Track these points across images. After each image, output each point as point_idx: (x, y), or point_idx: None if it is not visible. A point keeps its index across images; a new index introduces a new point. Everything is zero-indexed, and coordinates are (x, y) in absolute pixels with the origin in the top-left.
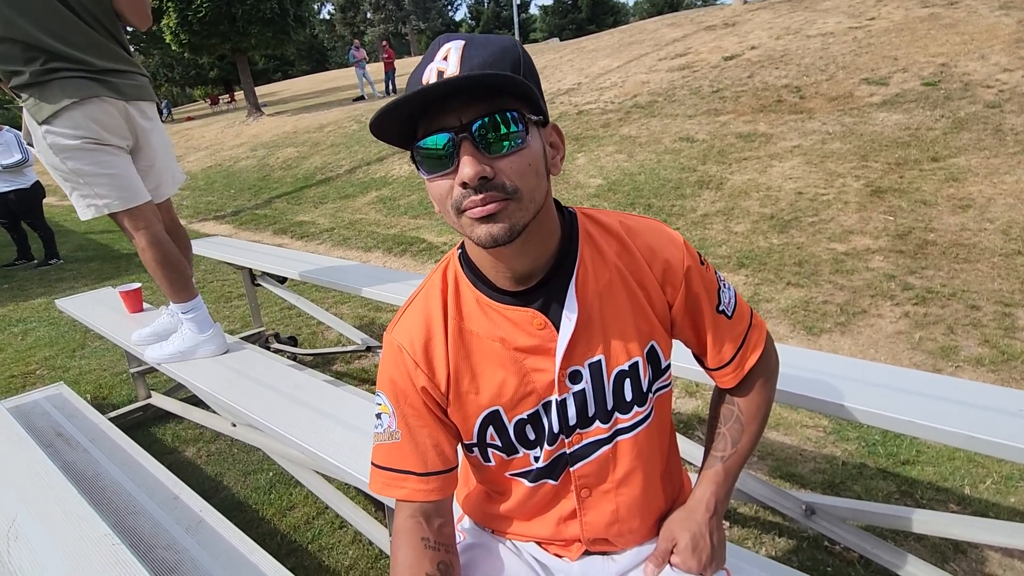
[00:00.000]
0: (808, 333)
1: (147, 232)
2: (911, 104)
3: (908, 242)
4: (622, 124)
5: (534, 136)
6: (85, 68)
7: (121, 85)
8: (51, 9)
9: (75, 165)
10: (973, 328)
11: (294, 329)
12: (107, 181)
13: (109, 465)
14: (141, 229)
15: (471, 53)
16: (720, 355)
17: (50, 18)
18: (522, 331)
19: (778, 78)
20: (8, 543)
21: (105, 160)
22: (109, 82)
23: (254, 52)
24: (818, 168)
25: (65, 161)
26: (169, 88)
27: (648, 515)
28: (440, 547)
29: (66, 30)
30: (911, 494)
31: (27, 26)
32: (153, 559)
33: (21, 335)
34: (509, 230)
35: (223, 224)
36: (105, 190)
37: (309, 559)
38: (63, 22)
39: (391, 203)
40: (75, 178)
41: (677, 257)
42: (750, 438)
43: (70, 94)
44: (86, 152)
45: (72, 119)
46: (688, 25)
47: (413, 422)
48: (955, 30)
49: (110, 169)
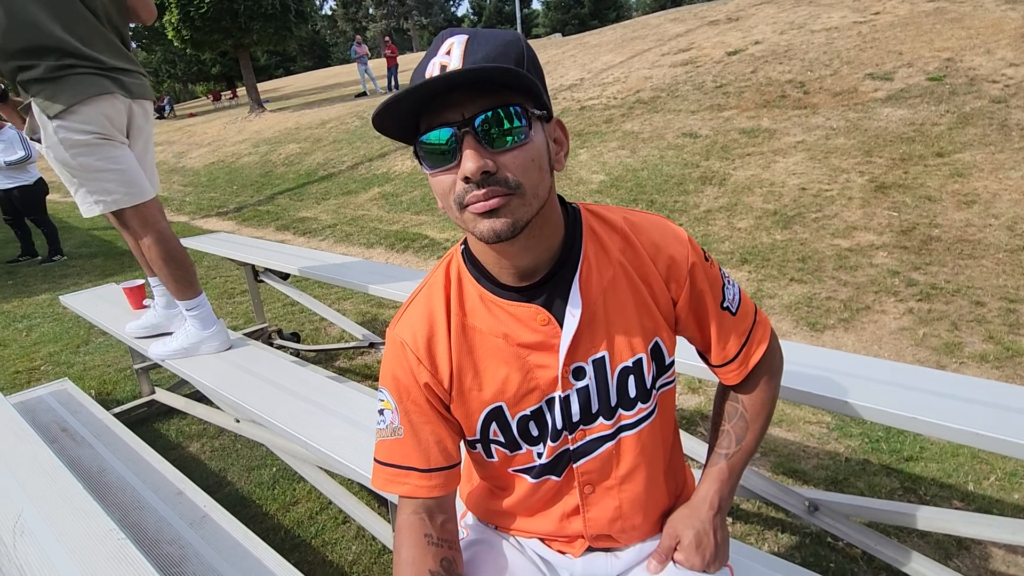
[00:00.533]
0: (811, 329)
1: (154, 229)
2: (916, 99)
3: (912, 238)
4: (625, 120)
5: (537, 131)
6: (98, 65)
7: (129, 83)
8: (71, 6)
9: (86, 160)
10: (977, 324)
11: (297, 325)
12: (117, 177)
13: (114, 461)
14: (149, 226)
15: (474, 47)
16: (724, 352)
17: (69, 15)
18: (525, 327)
19: (782, 73)
20: (14, 538)
21: (115, 156)
22: (119, 80)
23: (256, 48)
24: (822, 164)
25: (76, 157)
26: (171, 84)
27: (651, 512)
28: (443, 543)
29: (83, 28)
30: (914, 491)
31: (47, 22)
32: (158, 554)
33: (26, 331)
34: (512, 225)
35: (226, 220)
36: (114, 186)
37: (313, 554)
38: (81, 20)
39: (393, 199)
40: (83, 174)
41: (682, 253)
42: (754, 435)
43: (85, 90)
44: (97, 148)
45: (85, 115)
46: (691, 20)
47: (416, 418)
48: (961, 24)
49: (119, 164)
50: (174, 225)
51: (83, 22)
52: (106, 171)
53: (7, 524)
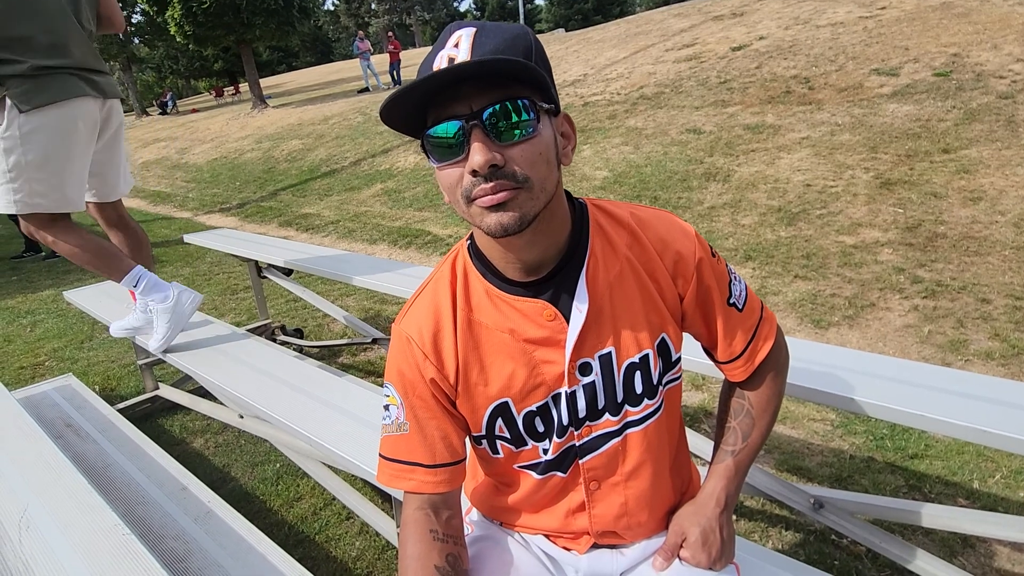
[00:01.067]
0: (816, 326)
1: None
2: (922, 95)
3: (918, 235)
4: (628, 116)
5: (545, 125)
6: (78, 67)
7: (102, 83)
8: (58, 7)
9: (34, 159)
10: (983, 322)
11: (300, 321)
12: (57, 183)
13: (118, 456)
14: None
15: (483, 40)
16: (731, 348)
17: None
18: (532, 322)
19: (787, 69)
20: (20, 533)
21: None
22: (93, 80)
23: (258, 43)
24: (827, 160)
25: (27, 153)
26: (174, 80)
27: (657, 508)
28: (449, 539)
29: (68, 29)
30: (919, 488)
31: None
32: (162, 549)
33: (30, 327)
34: (519, 219)
35: (229, 216)
36: (45, 188)
37: (316, 550)
38: (66, 21)
39: (396, 195)
40: (22, 171)
41: (689, 249)
42: (760, 432)
43: (67, 91)
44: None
45: (59, 115)
46: (695, 15)
47: (421, 414)
48: (968, 19)
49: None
50: (177, 221)
51: (66, 20)
52: (47, 174)
53: (13, 519)
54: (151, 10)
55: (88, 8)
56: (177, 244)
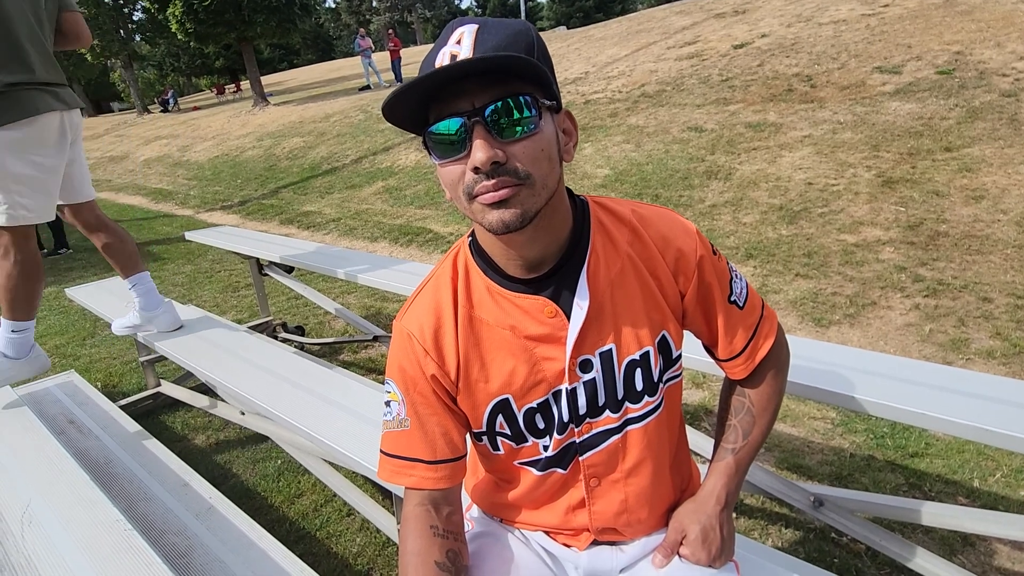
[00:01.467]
0: (817, 325)
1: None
2: (924, 93)
3: (919, 233)
4: (630, 114)
5: (547, 121)
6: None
7: (64, 95)
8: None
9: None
10: (985, 320)
11: (301, 319)
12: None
13: (120, 452)
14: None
15: (485, 37)
16: (731, 346)
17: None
18: (533, 319)
19: (789, 67)
20: (22, 528)
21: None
22: (56, 93)
23: (260, 41)
24: (828, 158)
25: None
26: (175, 78)
27: (657, 505)
28: (449, 535)
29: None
30: (920, 486)
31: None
32: (164, 545)
33: None
34: (521, 216)
35: (230, 214)
36: (28, 200)
37: (317, 546)
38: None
39: (397, 193)
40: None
41: (690, 246)
42: (761, 430)
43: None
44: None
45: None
46: (697, 13)
47: (422, 410)
48: (971, 17)
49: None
50: (179, 219)
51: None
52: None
53: (15, 514)
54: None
55: (48, 24)
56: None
